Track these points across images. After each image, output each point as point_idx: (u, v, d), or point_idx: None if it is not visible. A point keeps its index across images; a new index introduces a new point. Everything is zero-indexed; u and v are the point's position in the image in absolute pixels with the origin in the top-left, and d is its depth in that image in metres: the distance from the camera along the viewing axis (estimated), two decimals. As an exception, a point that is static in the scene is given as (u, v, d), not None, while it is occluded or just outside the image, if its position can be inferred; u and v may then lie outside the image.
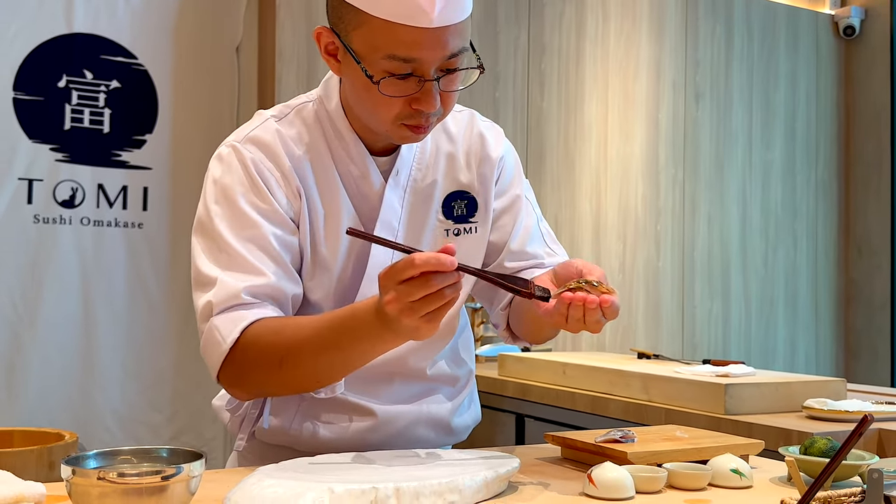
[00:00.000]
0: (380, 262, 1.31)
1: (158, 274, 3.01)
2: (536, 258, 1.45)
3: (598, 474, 1.07)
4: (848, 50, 4.25)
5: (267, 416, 1.37)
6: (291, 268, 1.29)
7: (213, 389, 3.20)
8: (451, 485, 1.01)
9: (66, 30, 2.92)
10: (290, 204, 1.31)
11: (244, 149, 1.32)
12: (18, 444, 1.32)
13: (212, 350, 1.24)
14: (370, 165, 1.34)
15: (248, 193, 1.29)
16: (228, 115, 3.12)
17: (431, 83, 1.22)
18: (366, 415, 1.36)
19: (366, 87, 1.23)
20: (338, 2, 1.23)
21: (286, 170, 1.31)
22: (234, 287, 1.23)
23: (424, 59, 1.20)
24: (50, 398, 2.84)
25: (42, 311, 2.85)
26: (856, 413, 2.08)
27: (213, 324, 1.23)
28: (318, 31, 1.27)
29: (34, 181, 2.86)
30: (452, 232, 1.40)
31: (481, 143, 1.44)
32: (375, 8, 1.18)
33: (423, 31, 1.18)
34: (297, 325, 1.23)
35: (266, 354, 1.21)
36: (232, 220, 1.28)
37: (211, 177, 1.34)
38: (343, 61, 1.27)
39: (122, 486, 0.87)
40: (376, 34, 1.19)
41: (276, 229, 1.29)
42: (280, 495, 0.96)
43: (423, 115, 1.26)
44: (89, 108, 2.95)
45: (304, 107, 1.38)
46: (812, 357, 4.13)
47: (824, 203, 4.20)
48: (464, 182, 1.41)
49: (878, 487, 0.95)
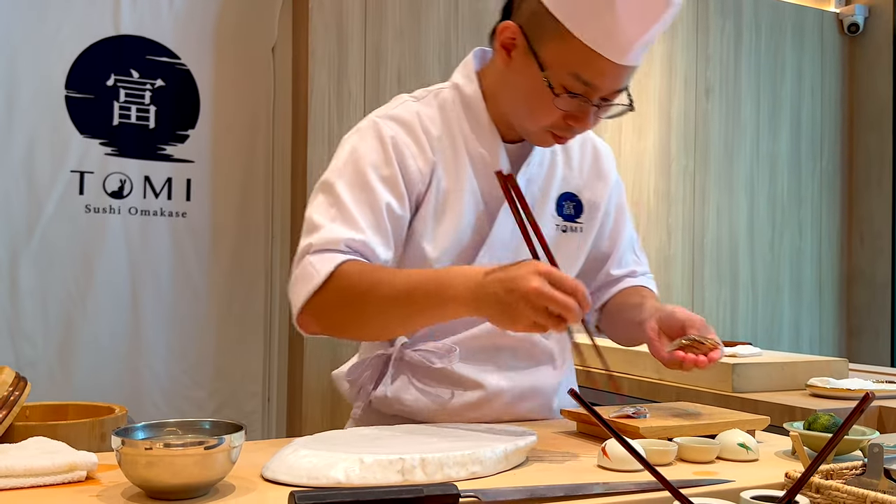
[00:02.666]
0: (500, 237, 1.33)
1: (201, 260, 3.03)
2: (629, 266, 1.54)
3: (611, 447, 1.07)
4: (852, 46, 4.19)
5: (388, 386, 1.38)
6: (391, 237, 1.29)
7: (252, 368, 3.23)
8: (473, 456, 1.01)
9: (114, 32, 2.94)
10: (421, 174, 1.31)
11: (384, 124, 1.33)
12: (72, 416, 1.34)
13: (302, 284, 1.23)
14: (501, 152, 1.36)
15: (377, 161, 1.30)
16: (265, 111, 3.13)
17: (593, 107, 1.25)
18: (474, 388, 1.36)
19: (536, 92, 1.26)
20: (541, 10, 1.23)
21: (423, 145, 1.33)
22: (336, 235, 1.24)
23: (602, 87, 1.24)
24: (101, 375, 2.87)
25: (93, 295, 2.88)
26: (857, 391, 2.06)
27: (308, 260, 1.23)
28: (507, 25, 1.28)
29: (85, 173, 2.89)
30: (561, 228, 1.43)
31: (595, 157, 1.49)
32: (582, 32, 1.19)
33: (613, 64, 1.21)
34: (388, 271, 1.23)
35: (351, 292, 1.21)
36: (353, 182, 1.29)
37: (346, 144, 1.35)
38: (518, 60, 1.28)
39: (167, 456, 0.88)
40: (572, 53, 1.21)
41: (392, 199, 1.29)
42: (315, 465, 0.97)
43: (573, 130, 1.30)
44: (136, 105, 2.97)
45: (441, 91, 1.40)
46: (816, 338, 4.09)
47: (828, 192, 4.15)
48: (575, 185, 1.45)
49: (879, 461, 0.94)
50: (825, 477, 0.95)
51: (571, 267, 1.45)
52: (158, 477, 0.88)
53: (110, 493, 0.93)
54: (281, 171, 3.15)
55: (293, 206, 3.13)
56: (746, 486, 0.97)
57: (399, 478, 0.96)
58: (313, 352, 2.95)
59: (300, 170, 3.04)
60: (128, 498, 0.91)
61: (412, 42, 3.12)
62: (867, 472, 0.95)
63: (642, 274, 1.56)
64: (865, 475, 0.95)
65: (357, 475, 0.95)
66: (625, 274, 1.53)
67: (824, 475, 0.95)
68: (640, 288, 1.52)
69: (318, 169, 2.96)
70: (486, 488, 0.93)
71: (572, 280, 1.09)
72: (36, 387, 1.29)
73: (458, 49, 3.20)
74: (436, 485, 0.91)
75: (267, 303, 3.12)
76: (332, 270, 1.21)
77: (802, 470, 0.88)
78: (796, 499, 0.85)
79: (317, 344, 2.95)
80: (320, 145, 2.97)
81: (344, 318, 1.26)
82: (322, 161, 2.96)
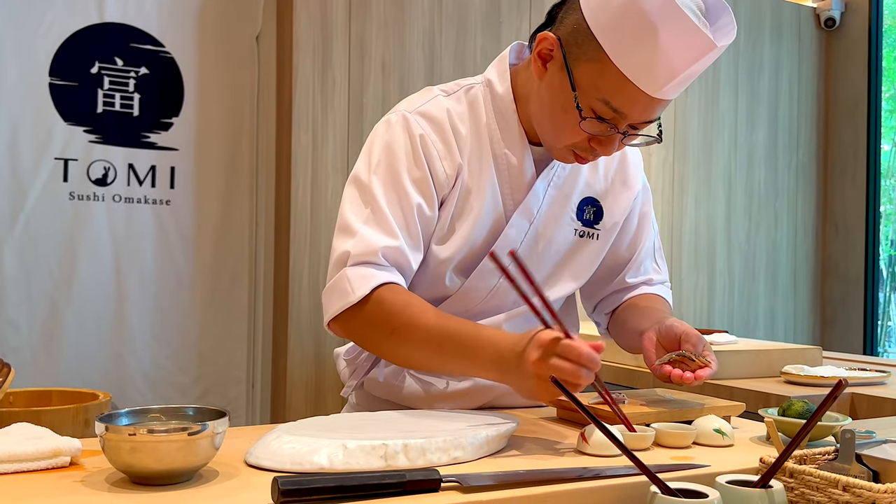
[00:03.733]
0: (510, 241, 1.32)
1: (185, 247, 3.02)
2: (647, 274, 1.51)
3: (590, 433, 1.08)
4: (828, 41, 4.21)
5: (383, 371, 1.38)
6: (420, 239, 1.29)
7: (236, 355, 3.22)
8: (455, 442, 1.01)
9: (98, 19, 2.90)
10: (447, 176, 1.30)
11: (414, 120, 1.31)
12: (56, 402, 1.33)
13: (337, 297, 1.23)
14: (527, 154, 1.34)
15: (409, 161, 1.28)
16: (249, 100, 3.11)
17: (619, 134, 1.23)
18: (464, 378, 1.36)
19: (564, 110, 1.23)
20: (584, 30, 1.18)
21: (451, 144, 1.31)
22: (373, 245, 1.23)
23: (631, 116, 1.21)
24: (85, 361, 2.85)
25: (77, 282, 2.85)
26: (830, 378, 2.08)
27: (346, 274, 1.23)
28: (546, 36, 1.24)
29: (69, 161, 2.86)
30: (579, 233, 1.41)
31: (622, 163, 1.46)
32: (620, 60, 1.16)
33: (646, 96, 1.18)
34: (422, 309, 1.22)
35: (383, 320, 1.21)
36: (387, 181, 1.28)
37: (378, 139, 1.32)
38: (552, 74, 1.24)
39: (151, 442, 0.87)
40: (606, 78, 1.18)
41: (422, 200, 1.28)
42: (298, 450, 0.96)
43: (595, 153, 1.27)
44: (120, 92, 2.94)
45: (472, 87, 1.37)
46: (790, 327, 4.13)
47: (804, 184, 4.18)
48: (597, 191, 1.42)
49: (850, 446, 0.95)
50: (799, 462, 0.96)
51: (583, 274, 1.43)
52: (142, 462, 0.88)
53: (94, 479, 0.92)
54: (265, 160, 3.13)
55: (277, 193, 3.11)
56: (722, 470, 0.97)
57: (382, 463, 0.96)
58: (297, 339, 2.94)
59: (284, 158, 3.02)
60: (112, 483, 0.90)
61: (396, 32, 3.11)
62: (839, 457, 0.96)
63: (660, 283, 1.53)
64: (838, 460, 0.96)
65: (340, 461, 0.95)
66: (641, 282, 1.50)
67: (798, 460, 0.96)
68: (653, 296, 1.49)
69: (302, 158, 2.95)
70: (467, 473, 0.94)
71: (577, 346, 1.07)
72: (20, 373, 1.28)
73: (442, 40, 3.19)
74: (418, 470, 0.91)
75: (251, 290, 3.10)
76: (368, 294, 1.21)
77: (777, 455, 0.89)
78: (771, 483, 0.86)
79: (301, 331, 2.95)
80: (304, 134, 2.95)
81: (371, 340, 1.28)
82: (306, 150, 2.95)
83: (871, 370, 2.23)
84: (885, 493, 0.82)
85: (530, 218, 1.34)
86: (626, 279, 1.49)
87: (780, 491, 0.85)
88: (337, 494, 0.85)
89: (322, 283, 2.96)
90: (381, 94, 3.05)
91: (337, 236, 1.28)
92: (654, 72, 1.15)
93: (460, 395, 1.37)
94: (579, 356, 1.06)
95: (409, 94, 1.42)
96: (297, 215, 2.95)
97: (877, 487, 0.82)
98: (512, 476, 0.94)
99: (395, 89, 3.08)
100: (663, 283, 1.54)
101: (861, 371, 2.23)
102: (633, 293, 1.50)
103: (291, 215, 2.94)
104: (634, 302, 1.48)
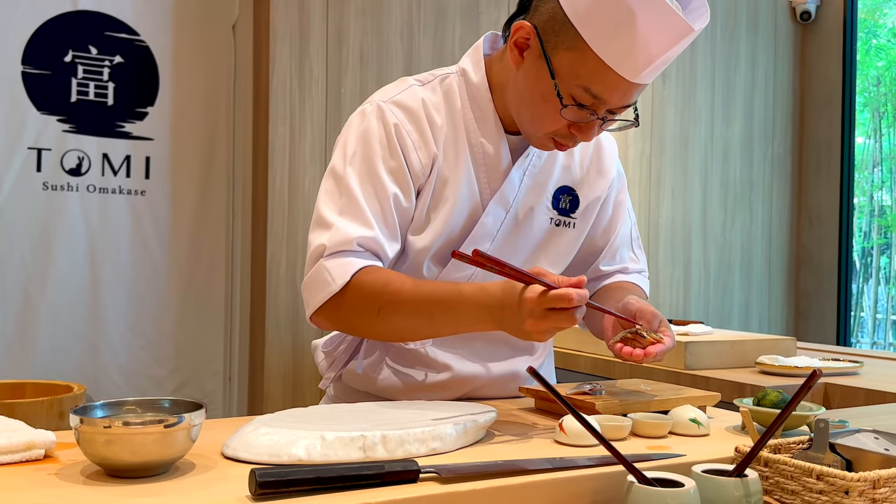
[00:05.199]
0: (487, 229, 1.33)
1: (160, 238, 2.99)
2: (623, 262, 1.51)
3: (568, 423, 1.08)
4: (804, 34, 4.25)
5: (361, 363, 1.38)
6: (397, 228, 1.29)
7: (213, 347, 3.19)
8: (433, 433, 1.01)
9: (72, 7, 2.86)
10: (423, 166, 1.30)
11: (389, 110, 1.30)
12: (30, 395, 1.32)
13: (318, 288, 1.23)
14: (503, 143, 1.34)
15: (384, 151, 1.28)
16: (225, 89, 3.08)
17: (598, 120, 1.23)
18: (442, 370, 1.36)
19: (544, 98, 1.23)
20: (561, 19, 1.18)
21: (426, 134, 1.30)
22: (349, 235, 1.23)
23: (611, 102, 1.21)
24: (59, 353, 2.82)
25: (51, 273, 2.82)
26: (804, 368, 2.11)
27: (324, 265, 1.23)
28: (522, 25, 1.23)
29: (43, 150, 2.82)
30: (555, 222, 1.41)
31: (597, 151, 1.46)
32: (599, 47, 1.16)
33: (625, 81, 1.18)
34: (401, 282, 1.22)
35: (367, 302, 1.22)
36: (362, 172, 1.28)
37: (353, 129, 1.32)
38: (529, 63, 1.24)
39: (126, 434, 0.86)
40: (586, 65, 1.18)
41: (398, 190, 1.28)
42: (276, 442, 0.96)
43: (575, 139, 1.27)
44: (94, 81, 2.91)
45: (447, 76, 1.36)
46: (765, 318, 4.17)
47: (779, 177, 4.22)
48: (573, 179, 1.42)
49: (824, 436, 0.96)
50: (773, 451, 0.97)
51: (561, 261, 1.43)
52: (117, 455, 0.87)
53: (69, 472, 0.91)
54: (242, 149, 3.11)
55: (254, 184, 3.09)
56: (698, 460, 0.98)
57: (360, 454, 0.96)
58: (275, 331, 2.93)
59: (261, 148, 3.00)
60: (86, 476, 0.90)
61: (375, 20, 3.09)
62: (813, 446, 0.97)
63: (635, 272, 1.53)
64: (812, 449, 0.97)
65: (318, 452, 0.94)
66: (616, 270, 1.50)
67: (772, 449, 0.97)
68: (628, 283, 1.49)
69: (279, 147, 2.93)
70: (446, 464, 0.94)
71: (564, 294, 1.09)
72: (-8, 365, 1.26)
73: (420, 29, 3.18)
74: (397, 461, 0.91)
75: (228, 281, 3.08)
76: (349, 281, 1.21)
77: (752, 444, 0.90)
78: (746, 472, 0.87)
79: (278, 323, 2.93)
80: (282, 124, 2.93)
81: (359, 325, 1.28)
82: (283, 140, 2.93)
83: (845, 360, 2.26)
84: (857, 481, 0.83)
85: (506, 206, 1.34)
86: (601, 267, 1.49)
87: (755, 480, 0.86)
88: (315, 486, 0.85)
89: (300, 274, 2.94)
90: (359, 84, 3.04)
91: (313, 230, 1.28)
92: (633, 57, 1.16)
93: (439, 386, 1.37)
94: (570, 301, 1.08)
95: (386, 84, 1.41)
96: (275, 206, 2.93)
97: (850, 476, 0.83)
98: (490, 467, 0.94)
99: (373, 79, 3.06)
100: (640, 272, 1.54)
101: (834, 361, 2.26)
102: (607, 281, 1.50)
103: (269, 206, 2.93)
104: (609, 289, 1.48)
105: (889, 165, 5.02)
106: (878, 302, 5.04)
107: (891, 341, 4.89)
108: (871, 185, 5.03)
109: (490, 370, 1.40)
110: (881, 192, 5.01)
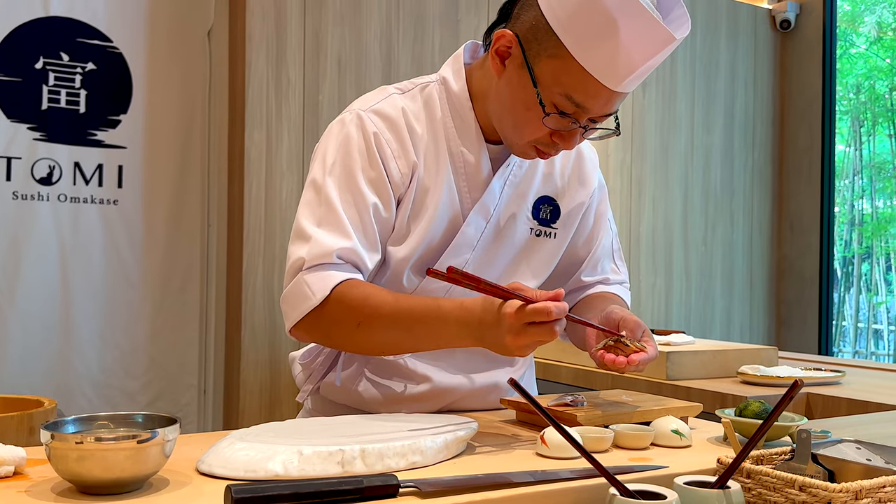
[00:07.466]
0: (468, 239, 1.33)
1: (134, 248, 2.97)
2: (604, 274, 1.52)
3: (549, 435, 1.08)
4: (784, 42, 4.30)
5: (339, 375, 1.38)
6: (377, 238, 1.29)
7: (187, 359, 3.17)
8: (413, 446, 1.01)
9: (43, 13, 2.84)
10: (402, 175, 1.30)
11: (368, 118, 1.30)
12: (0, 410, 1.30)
13: (297, 302, 1.23)
14: (483, 152, 1.34)
15: (363, 161, 1.29)
16: (200, 97, 3.07)
17: (580, 128, 1.24)
18: (422, 381, 1.36)
19: (526, 106, 1.24)
20: (543, 27, 1.20)
21: (405, 143, 1.31)
22: (328, 247, 1.23)
23: (592, 110, 1.22)
24: (30, 367, 2.79)
25: (22, 284, 2.79)
26: (786, 378, 2.12)
27: (304, 278, 1.23)
28: (504, 34, 1.24)
29: (13, 159, 2.80)
30: (535, 232, 1.41)
31: (579, 162, 1.48)
32: (582, 56, 1.17)
33: (608, 89, 1.20)
34: (381, 297, 1.23)
35: (347, 315, 1.22)
36: (342, 182, 1.28)
37: (332, 138, 1.32)
38: (511, 71, 1.25)
39: (99, 450, 0.86)
40: (567, 74, 1.19)
41: (378, 200, 1.28)
42: (252, 457, 0.95)
43: (557, 147, 1.28)
44: (66, 88, 2.88)
45: (427, 85, 1.37)
46: (746, 327, 4.20)
47: (760, 185, 4.26)
48: (554, 189, 1.44)
49: (807, 446, 0.97)
50: (756, 462, 0.97)
51: (542, 272, 1.44)
52: (90, 471, 0.86)
53: (39, 489, 0.90)
54: (217, 158, 3.09)
55: (230, 193, 3.08)
56: (680, 471, 0.99)
57: (339, 469, 0.95)
58: (251, 343, 2.91)
59: (237, 156, 2.99)
60: (58, 493, 0.89)
61: (353, 27, 3.10)
62: (795, 457, 0.97)
63: (617, 283, 1.54)
64: (794, 460, 0.97)
65: (296, 467, 0.94)
66: (597, 280, 1.51)
67: (755, 460, 0.97)
68: (610, 294, 1.50)
69: (255, 156, 2.92)
70: (426, 478, 0.94)
71: (542, 307, 1.10)
72: (-40, 379, 1.25)
73: (399, 35, 3.19)
74: (376, 475, 0.91)
75: (203, 292, 3.06)
76: (328, 295, 1.21)
77: (734, 455, 0.90)
78: (728, 484, 0.88)
79: (255, 335, 2.92)
80: (258, 132, 2.92)
81: (338, 338, 1.28)
82: (260, 148, 2.92)
83: (826, 370, 2.28)
84: (840, 492, 0.83)
85: (487, 216, 1.35)
86: (582, 278, 1.50)
87: (738, 491, 0.87)
88: (292, 502, 0.84)
89: (277, 285, 2.93)
90: (337, 92, 3.04)
91: (292, 242, 1.28)
92: (614, 66, 1.17)
93: (418, 398, 1.37)
94: (549, 314, 1.09)
95: (365, 92, 1.41)
96: (251, 215, 2.92)
97: (832, 487, 0.84)
98: (471, 480, 0.94)
99: (352, 86, 3.07)
100: (621, 283, 1.55)
101: (816, 371, 2.28)
102: (589, 292, 1.51)
103: (245, 215, 2.91)
104: (590, 300, 1.49)
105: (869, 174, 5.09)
106: (860, 311, 5.10)
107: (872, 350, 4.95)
108: (852, 193, 5.09)
109: (471, 381, 1.40)
110: (861, 200, 5.07)
